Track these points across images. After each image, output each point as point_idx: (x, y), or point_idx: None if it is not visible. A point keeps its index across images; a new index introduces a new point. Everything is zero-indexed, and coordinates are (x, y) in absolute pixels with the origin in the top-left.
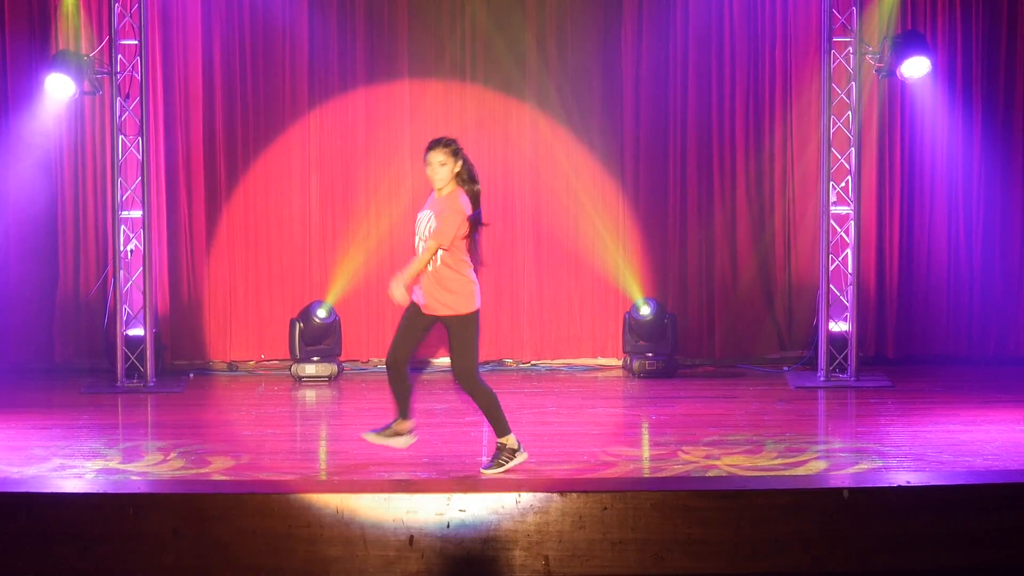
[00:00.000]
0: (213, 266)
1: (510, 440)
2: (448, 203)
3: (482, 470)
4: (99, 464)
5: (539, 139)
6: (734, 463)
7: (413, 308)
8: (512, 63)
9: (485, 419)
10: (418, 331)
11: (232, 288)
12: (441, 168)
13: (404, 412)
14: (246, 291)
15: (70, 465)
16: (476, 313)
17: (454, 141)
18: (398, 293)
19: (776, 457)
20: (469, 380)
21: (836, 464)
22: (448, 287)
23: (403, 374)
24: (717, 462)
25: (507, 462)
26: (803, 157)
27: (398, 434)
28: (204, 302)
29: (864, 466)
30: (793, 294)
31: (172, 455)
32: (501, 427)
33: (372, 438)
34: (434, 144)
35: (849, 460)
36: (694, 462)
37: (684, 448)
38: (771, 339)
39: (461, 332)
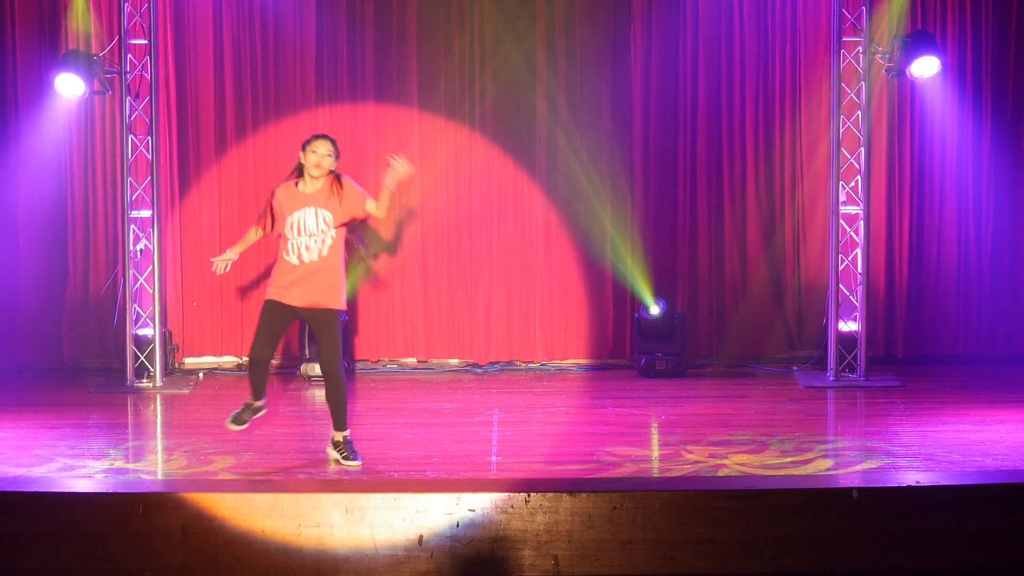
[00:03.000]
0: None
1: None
2: (351, 184)
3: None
4: (108, 463)
5: (549, 140)
6: (743, 463)
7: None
8: (521, 63)
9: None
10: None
11: (242, 288)
12: (328, 158)
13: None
14: (257, 291)
15: (79, 465)
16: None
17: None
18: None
19: (785, 457)
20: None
21: (845, 464)
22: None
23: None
24: (726, 462)
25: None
26: (812, 157)
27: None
28: (214, 302)
29: (874, 466)
30: (803, 294)
31: (181, 454)
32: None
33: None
34: (324, 136)
35: (858, 460)
36: (703, 462)
37: (693, 448)
38: (780, 339)
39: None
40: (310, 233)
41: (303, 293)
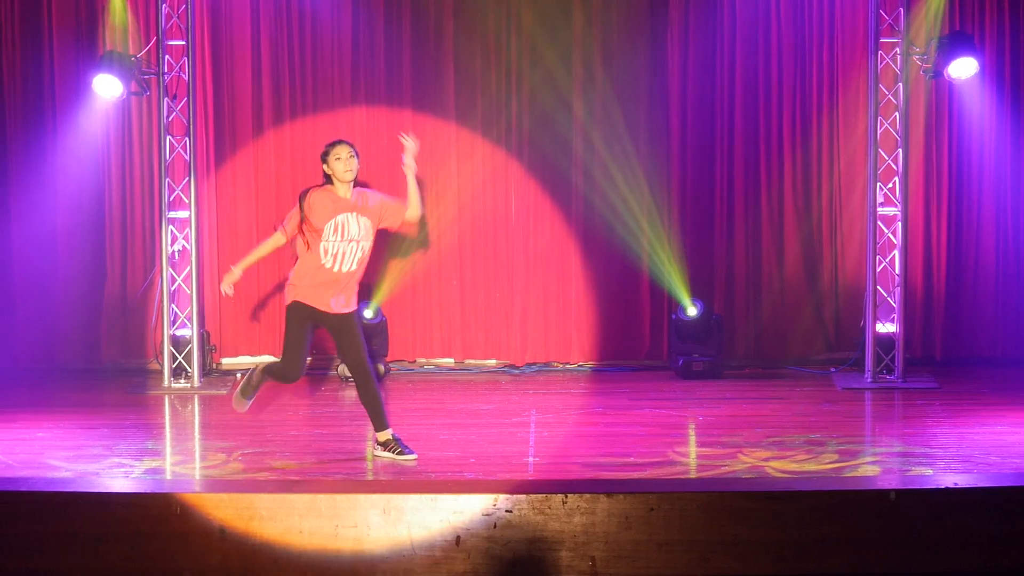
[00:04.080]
0: (260, 266)
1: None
2: (382, 195)
3: None
4: (146, 464)
5: (586, 141)
6: (780, 464)
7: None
8: (558, 64)
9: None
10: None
11: (279, 287)
12: (354, 159)
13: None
14: None
15: (117, 465)
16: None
17: None
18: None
19: (823, 458)
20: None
21: (883, 466)
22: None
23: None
24: (763, 463)
25: None
26: (850, 158)
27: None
28: (252, 303)
29: (911, 468)
30: (840, 295)
31: (219, 455)
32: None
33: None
34: (341, 140)
35: (896, 462)
36: (740, 463)
37: (731, 449)
38: (818, 340)
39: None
40: (351, 238)
41: (337, 300)
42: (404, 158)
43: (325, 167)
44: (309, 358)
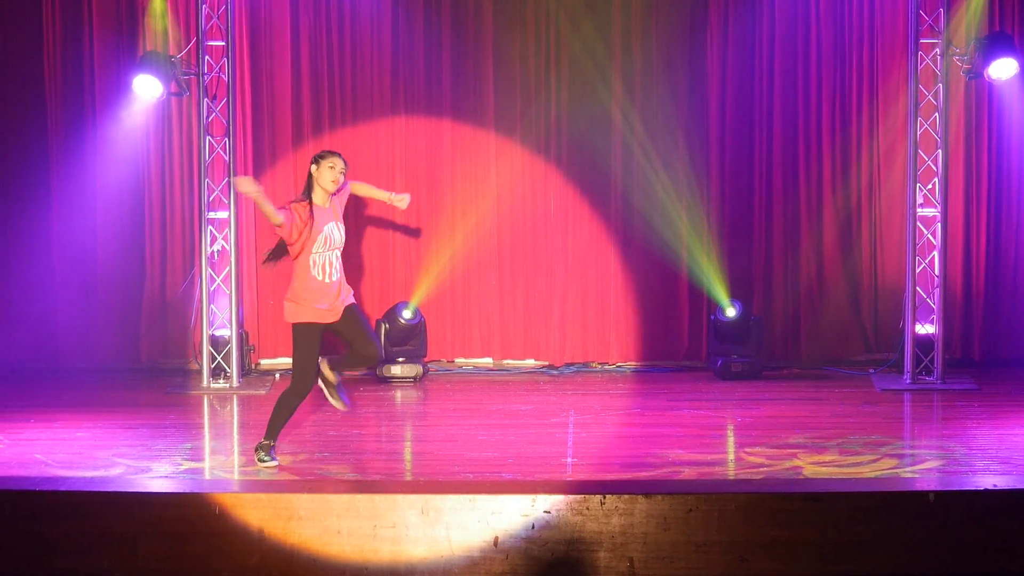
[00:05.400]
0: None
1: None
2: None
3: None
4: (185, 464)
5: (624, 142)
6: (819, 465)
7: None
8: (597, 66)
9: None
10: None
11: None
12: (343, 175)
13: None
14: None
15: (156, 465)
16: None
17: None
18: None
19: (862, 459)
20: None
21: (922, 467)
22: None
23: None
24: (802, 464)
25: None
26: (889, 159)
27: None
28: None
29: (950, 469)
30: (879, 296)
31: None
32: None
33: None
34: (338, 153)
35: (935, 463)
36: (779, 464)
37: (769, 450)
38: (857, 341)
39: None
40: (335, 246)
41: (337, 307)
42: (397, 197)
43: (313, 168)
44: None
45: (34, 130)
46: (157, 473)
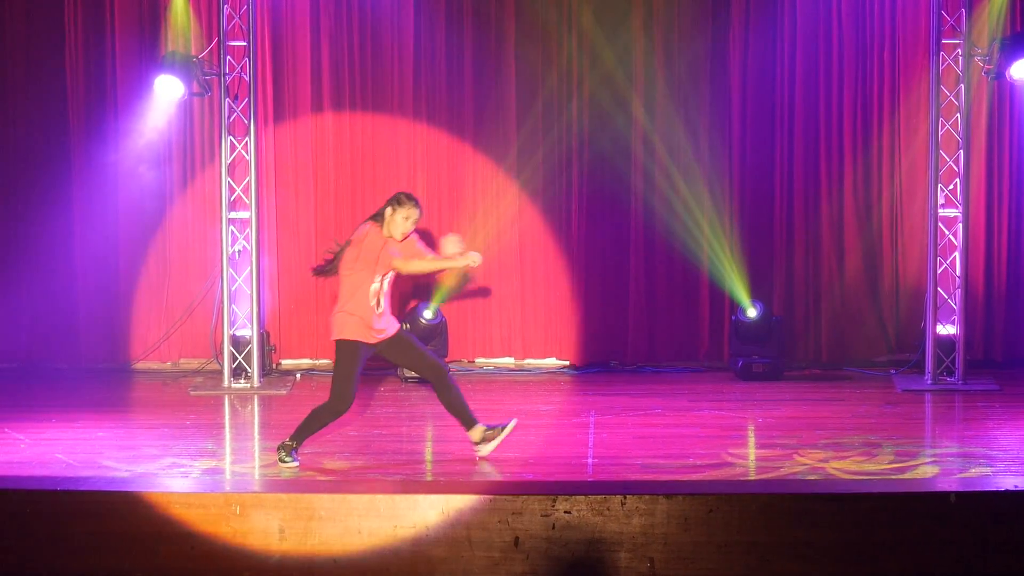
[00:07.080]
0: None
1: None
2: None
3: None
4: (206, 463)
5: (646, 142)
6: (841, 466)
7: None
8: (620, 67)
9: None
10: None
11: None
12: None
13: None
14: None
15: (177, 464)
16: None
17: None
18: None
19: (883, 460)
20: None
21: (943, 468)
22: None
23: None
24: (823, 465)
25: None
26: (911, 159)
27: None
28: (311, 303)
29: (972, 470)
30: (900, 297)
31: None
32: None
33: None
34: (418, 203)
35: (956, 464)
36: (801, 465)
37: (790, 451)
38: (878, 342)
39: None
40: (390, 281)
41: (379, 329)
42: (461, 255)
43: (389, 210)
44: None
45: (56, 130)
46: (178, 473)
